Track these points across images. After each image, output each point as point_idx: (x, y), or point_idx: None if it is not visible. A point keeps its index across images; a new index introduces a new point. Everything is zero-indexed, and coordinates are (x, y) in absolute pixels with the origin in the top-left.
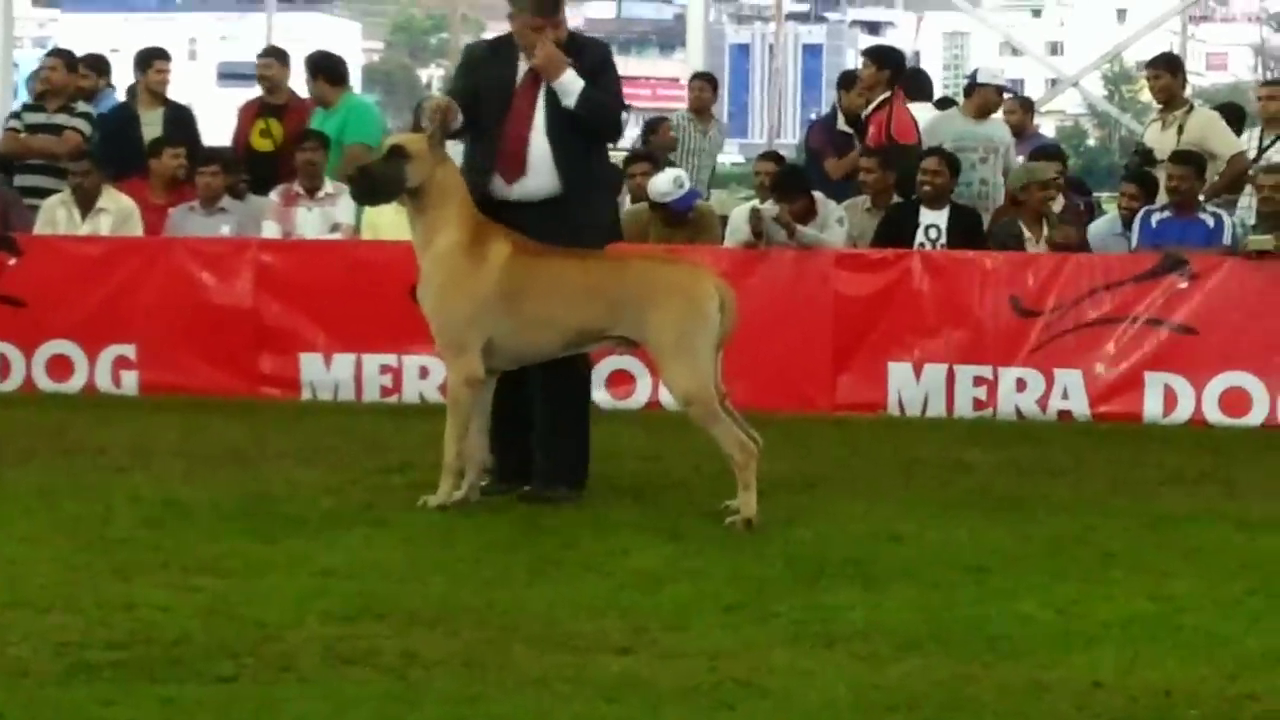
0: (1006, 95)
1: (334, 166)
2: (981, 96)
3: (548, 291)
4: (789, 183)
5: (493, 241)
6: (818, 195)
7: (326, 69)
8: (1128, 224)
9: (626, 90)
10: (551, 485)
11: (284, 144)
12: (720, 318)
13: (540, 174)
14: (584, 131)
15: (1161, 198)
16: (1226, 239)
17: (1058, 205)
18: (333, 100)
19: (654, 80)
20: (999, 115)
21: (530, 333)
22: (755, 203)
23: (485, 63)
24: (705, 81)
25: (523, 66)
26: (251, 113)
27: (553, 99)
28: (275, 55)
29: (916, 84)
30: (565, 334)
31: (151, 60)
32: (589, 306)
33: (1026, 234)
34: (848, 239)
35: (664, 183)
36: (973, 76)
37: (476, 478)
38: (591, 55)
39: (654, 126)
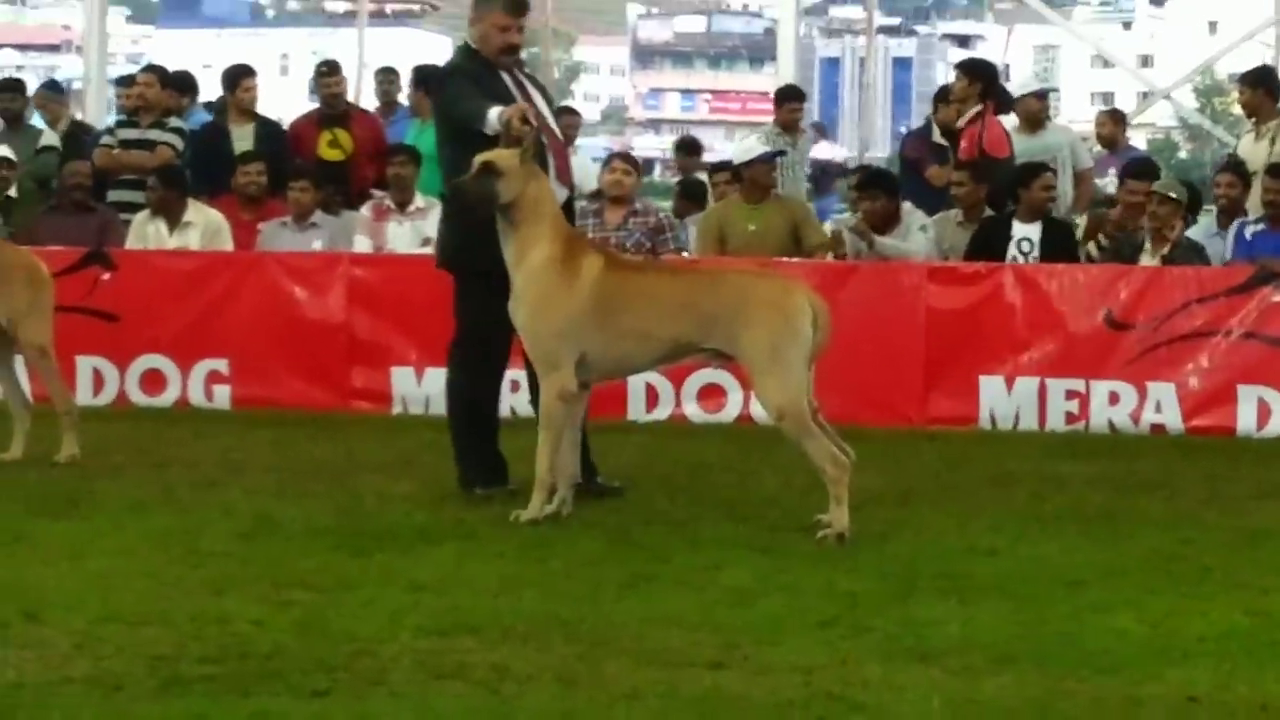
0: (1048, 94)
1: (427, 181)
2: (1024, 108)
3: (641, 305)
4: (873, 181)
5: (585, 256)
6: (906, 205)
7: (428, 82)
8: (1226, 214)
9: (717, 103)
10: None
11: (353, 153)
12: (813, 332)
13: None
14: None
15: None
16: None
17: None
18: (430, 114)
19: (744, 94)
20: (1062, 122)
21: (624, 346)
22: (833, 218)
23: (479, 76)
24: (796, 102)
25: (503, 75)
26: (313, 125)
27: (549, 105)
28: (335, 69)
29: (998, 98)
30: (659, 347)
31: (239, 78)
32: (682, 320)
33: (1147, 246)
34: (938, 251)
35: (748, 142)
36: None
37: (568, 492)
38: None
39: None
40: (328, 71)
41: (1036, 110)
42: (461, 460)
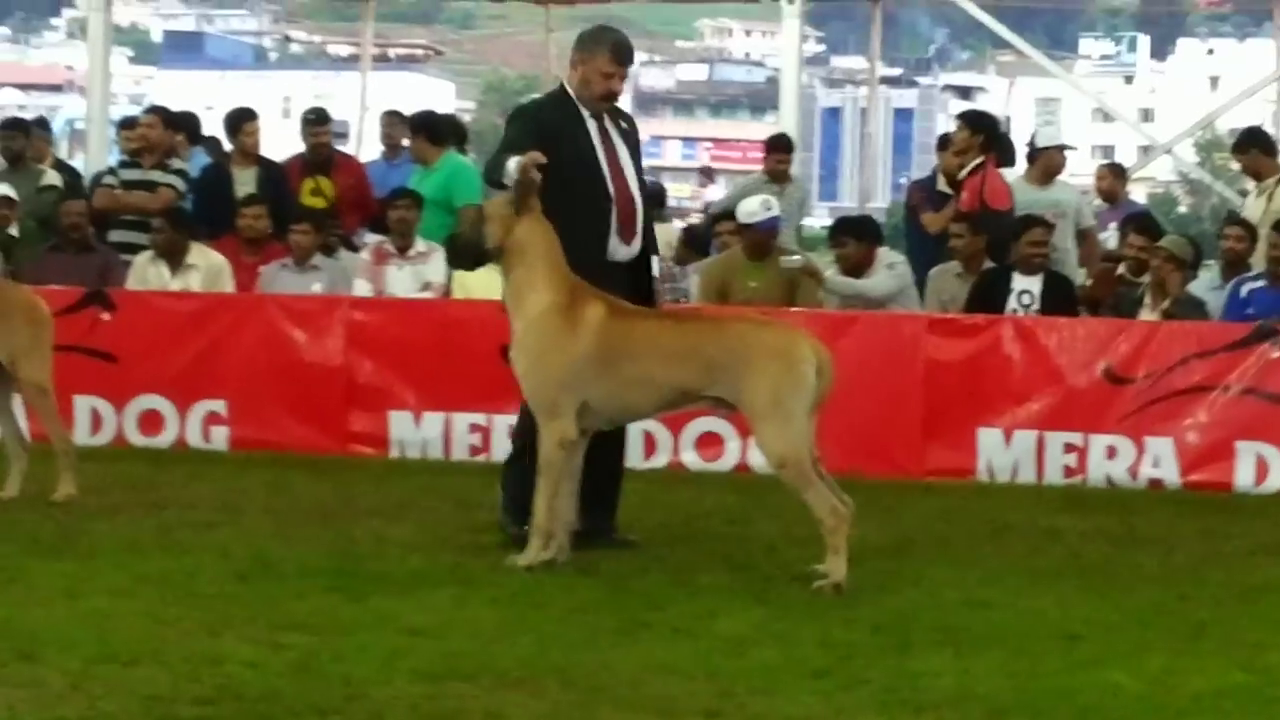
0: (1068, 152)
1: (428, 226)
2: (1046, 160)
3: (643, 353)
4: (840, 228)
5: (587, 303)
6: (884, 250)
7: (427, 128)
8: (1232, 267)
9: (718, 151)
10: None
11: (336, 200)
12: (817, 380)
13: (641, 235)
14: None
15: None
16: None
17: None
18: (431, 159)
19: (745, 142)
20: (1064, 178)
21: (625, 394)
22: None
23: (552, 118)
24: (784, 153)
25: (591, 122)
26: (295, 172)
27: (635, 159)
28: (323, 119)
29: (1000, 150)
30: (661, 395)
31: (241, 122)
32: (684, 368)
33: (1147, 301)
34: (903, 289)
35: (753, 203)
36: (1032, 142)
37: (566, 539)
38: (628, 117)
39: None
40: (315, 120)
41: (1059, 164)
42: (512, 497)
